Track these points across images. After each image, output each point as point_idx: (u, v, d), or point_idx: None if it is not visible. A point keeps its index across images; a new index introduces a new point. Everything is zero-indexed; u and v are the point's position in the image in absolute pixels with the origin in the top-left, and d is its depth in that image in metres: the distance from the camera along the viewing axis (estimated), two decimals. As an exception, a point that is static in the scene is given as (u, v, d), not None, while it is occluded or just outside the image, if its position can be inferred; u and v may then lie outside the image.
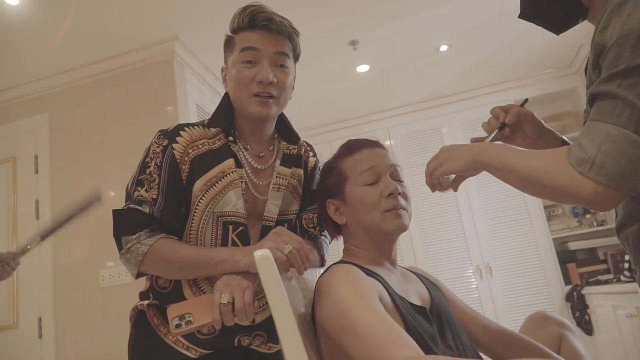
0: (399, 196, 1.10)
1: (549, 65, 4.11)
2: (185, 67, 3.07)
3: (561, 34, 1.10)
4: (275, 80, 1.15)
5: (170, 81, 2.93)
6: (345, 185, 1.13)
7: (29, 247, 1.60)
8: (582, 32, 3.19)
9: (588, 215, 4.11)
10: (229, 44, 1.21)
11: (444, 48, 3.56)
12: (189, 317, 1.01)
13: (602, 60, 0.81)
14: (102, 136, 2.97)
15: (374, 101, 4.30)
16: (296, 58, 1.24)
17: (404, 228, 1.10)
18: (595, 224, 4.04)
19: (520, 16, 1.09)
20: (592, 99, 0.83)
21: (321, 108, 4.23)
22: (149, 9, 2.65)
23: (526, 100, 1.18)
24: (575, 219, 4.17)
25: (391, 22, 3.13)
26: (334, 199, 1.15)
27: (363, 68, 3.69)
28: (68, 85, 3.09)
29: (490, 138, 1.09)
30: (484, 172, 0.99)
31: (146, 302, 1.18)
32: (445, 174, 1.01)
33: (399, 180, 1.14)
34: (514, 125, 1.13)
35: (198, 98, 3.17)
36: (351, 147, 1.18)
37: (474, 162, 0.96)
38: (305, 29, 1.22)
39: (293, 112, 1.26)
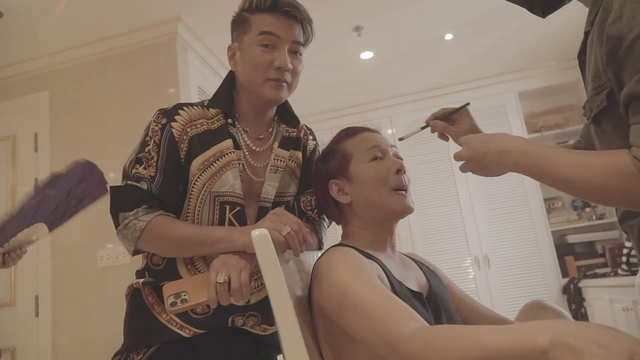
0: (404, 175, 1.11)
1: (553, 56, 4.08)
2: (188, 49, 3.05)
3: (564, 26, 1.08)
4: (292, 67, 1.15)
5: (172, 62, 2.91)
6: (350, 164, 1.13)
7: (35, 238, 1.57)
8: (589, 24, 3.14)
9: (587, 209, 4.11)
10: (242, 22, 1.18)
11: (448, 37, 3.53)
12: (185, 295, 1.00)
13: (622, 54, 0.76)
14: (103, 116, 2.95)
15: (377, 89, 4.27)
16: (307, 45, 1.24)
17: (410, 210, 1.10)
18: (594, 217, 4.04)
19: None
20: (629, 100, 0.77)
21: (324, 94, 4.21)
22: (152, -11, 2.63)
23: (467, 103, 1.23)
24: (575, 212, 4.17)
25: (397, 9, 3.10)
26: (337, 179, 1.14)
27: (367, 55, 3.66)
28: (69, 63, 3.06)
29: (412, 133, 1.22)
30: None
31: (141, 280, 1.18)
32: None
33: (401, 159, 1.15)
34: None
35: (200, 81, 3.15)
36: (352, 130, 1.19)
37: (508, 171, 0.93)
38: (310, 12, 1.21)
39: (295, 98, 1.26)
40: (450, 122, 1.22)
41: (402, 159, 1.15)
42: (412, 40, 3.54)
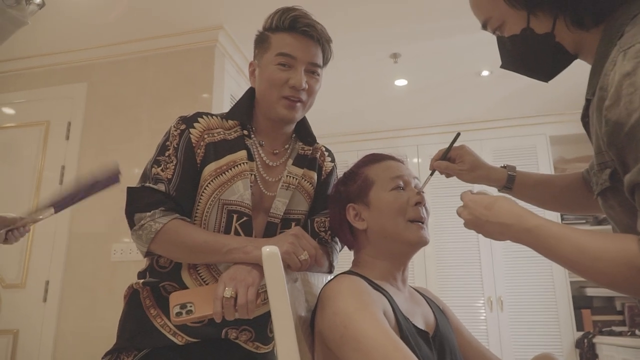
0: (422, 208, 1.10)
1: (590, 104, 4.01)
2: (226, 57, 3.10)
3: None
4: (307, 86, 1.18)
5: (209, 69, 2.96)
6: (370, 190, 1.12)
7: (41, 217, 1.60)
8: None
9: (610, 263, 3.98)
10: (263, 41, 1.23)
11: (485, 73, 3.51)
12: (191, 306, 1.00)
13: (623, 139, 0.73)
14: (136, 113, 3.01)
15: (408, 116, 4.26)
16: (326, 64, 1.27)
17: (425, 242, 1.09)
18: (616, 273, 3.91)
19: (502, 66, 1.04)
20: (633, 188, 0.74)
21: (354, 117, 4.22)
22: (199, -5, 2.68)
23: (458, 134, 1.26)
24: (597, 265, 4.04)
25: (436, 40, 3.10)
26: (355, 203, 1.13)
27: (401, 82, 3.66)
28: (110, 58, 3.15)
29: (426, 181, 1.18)
30: None
31: (142, 280, 1.19)
32: None
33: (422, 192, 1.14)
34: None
35: (234, 89, 3.19)
36: (376, 157, 1.18)
37: (510, 240, 0.91)
38: (349, 35, 1.23)
39: (325, 117, 1.27)
40: (452, 160, 1.23)
41: (423, 192, 1.14)
42: (448, 72, 3.53)
